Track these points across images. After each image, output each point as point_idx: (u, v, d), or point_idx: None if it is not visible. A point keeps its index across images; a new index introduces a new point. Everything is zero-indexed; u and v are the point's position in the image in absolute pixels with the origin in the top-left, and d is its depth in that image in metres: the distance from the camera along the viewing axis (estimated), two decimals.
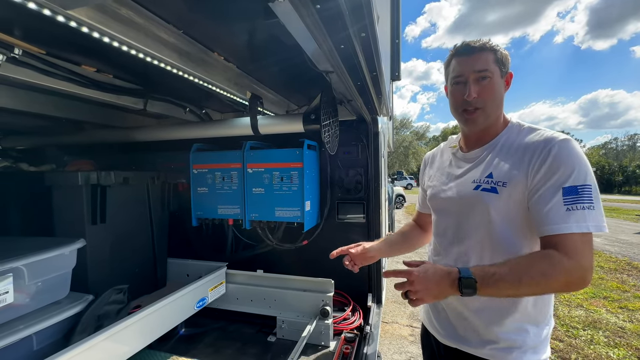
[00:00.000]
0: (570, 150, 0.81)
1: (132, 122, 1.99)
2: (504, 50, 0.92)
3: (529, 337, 0.89)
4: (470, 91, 0.89)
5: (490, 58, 0.89)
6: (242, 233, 1.92)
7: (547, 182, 0.80)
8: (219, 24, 0.93)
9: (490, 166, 0.93)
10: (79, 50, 1.09)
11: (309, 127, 1.39)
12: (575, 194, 0.77)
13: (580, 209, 0.76)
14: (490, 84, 0.89)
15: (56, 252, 1.03)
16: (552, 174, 0.79)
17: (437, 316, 1.07)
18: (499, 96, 0.91)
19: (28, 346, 0.93)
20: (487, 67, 0.89)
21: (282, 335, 1.57)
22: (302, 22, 0.63)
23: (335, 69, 0.91)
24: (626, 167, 34.14)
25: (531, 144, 0.86)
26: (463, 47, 0.93)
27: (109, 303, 1.15)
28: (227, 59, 1.22)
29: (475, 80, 0.90)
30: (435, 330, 1.08)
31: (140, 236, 1.59)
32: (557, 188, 0.78)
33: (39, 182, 1.25)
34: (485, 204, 0.90)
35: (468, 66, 0.91)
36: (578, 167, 0.79)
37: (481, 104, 0.90)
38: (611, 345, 2.93)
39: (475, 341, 0.95)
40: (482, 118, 0.92)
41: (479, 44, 0.90)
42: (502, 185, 0.88)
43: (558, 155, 0.80)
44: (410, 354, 2.84)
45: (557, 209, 0.77)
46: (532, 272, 0.74)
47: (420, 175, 1.29)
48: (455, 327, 1.00)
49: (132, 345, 1.07)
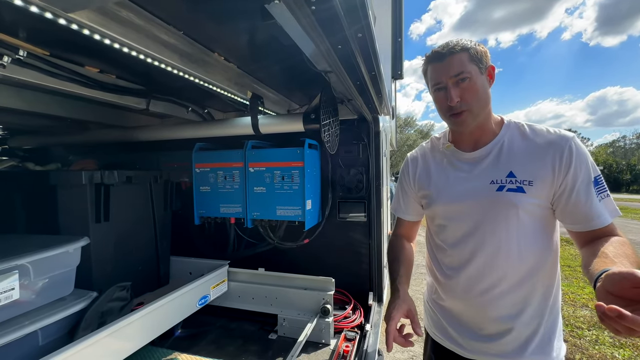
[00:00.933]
0: (581, 146, 0.88)
1: (135, 122, 2.02)
2: (478, 46, 0.90)
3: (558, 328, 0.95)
4: (451, 96, 0.89)
5: (464, 58, 0.88)
6: (244, 232, 1.93)
7: (577, 178, 0.85)
8: (218, 25, 0.94)
9: (507, 165, 0.91)
10: (82, 52, 1.10)
11: (308, 126, 1.40)
12: (598, 184, 0.85)
13: (606, 197, 0.84)
14: (471, 84, 0.89)
15: (61, 250, 1.05)
16: (580, 170, 0.85)
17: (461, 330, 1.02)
18: (482, 94, 0.91)
19: (34, 342, 0.95)
20: (463, 68, 0.88)
21: (283, 333, 1.58)
22: (298, 24, 0.63)
23: (333, 69, 0.91)
24: (634, 165, 33.63)
25: (551, 143, 0.89)
26: (434, 54, 0.93)
27: (112, 300, 1.17)
28: (228, 59, 1.23)
29: (454, 84, 0.90)
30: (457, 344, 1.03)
31: (143, 234, 1.62)
32: (588, 182, 0.84)
33: (44, 181, 1.28)
34: (514, 204, 0.88)
35: (444, 72, 0.90)
36: (588, 159, 0.87)
37: (466, 106, 0.90)
38: (616, 345, 2.90)
39: (516, 350, 0.93)
40: (470, 119, 0.92)
41: (447, 48, 0.90)
42: (528, 184, 0.88)
43: (578, 152, 0.86)
44: (412, 353, 2.85)
45: (595, 202, 0.83)
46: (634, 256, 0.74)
47: (403, 179, 1.18)
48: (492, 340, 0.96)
49: (134, 341, 1.09)
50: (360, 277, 1.85)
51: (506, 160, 0.92)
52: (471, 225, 0.96)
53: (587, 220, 0.84)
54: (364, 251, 1.84)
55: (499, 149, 0.94)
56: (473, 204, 0.95)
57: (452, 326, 1.04)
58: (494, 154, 0.94)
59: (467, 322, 1.01)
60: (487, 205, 0.92)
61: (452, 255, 1.02)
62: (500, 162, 0.93)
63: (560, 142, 0.87)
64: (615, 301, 0.56)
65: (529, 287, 0.92)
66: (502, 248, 0.91)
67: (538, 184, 0.87)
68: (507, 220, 0.90)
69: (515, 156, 0.91)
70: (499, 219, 0.90)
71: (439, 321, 1.10)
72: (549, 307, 0.93)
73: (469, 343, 1.00)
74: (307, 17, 0.64)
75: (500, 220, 0.90)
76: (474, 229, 0.95)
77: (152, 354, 1.34)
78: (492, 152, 0.95)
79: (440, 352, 1.10)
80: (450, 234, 1.02)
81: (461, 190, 0.98)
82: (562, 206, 0.87)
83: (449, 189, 1.01)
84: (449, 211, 1.01)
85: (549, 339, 0.93)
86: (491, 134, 0.96)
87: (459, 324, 1.03)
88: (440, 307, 1.09)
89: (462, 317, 1.02)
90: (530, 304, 0.92)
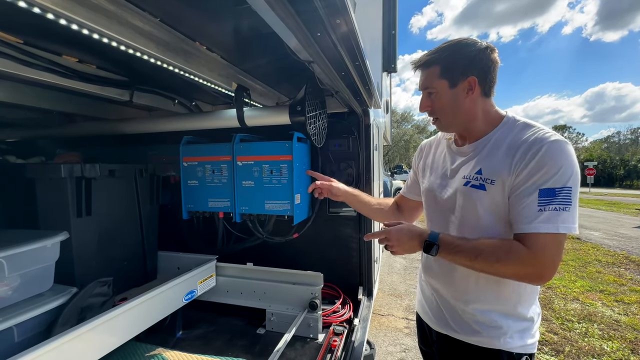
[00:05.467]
0: (558, 152, 0.79)
1: (121, 115, 1.98)
2: (457, 57, 0.90)
3: (516, 323, 0.93)
4: (421, 105, 0.98)
5: (434, 73, 0.92)
6: (232, 226, 1.91)
7: (527, 181, 0.81)
8: (195, 11, 0.91)
9: (480, 162, 0.94)
10: (57, 40, 1.06)
11: (295, 118, 1.37)
12: (552, 195, 0.78)
13: (552, 210, 0.77)
14: (437, 99, 0.95)
15: (37, 245, 1.02)
16: (533, 174, 0.80)
17: (430, 305, 1.12)
18: (450, 107, 0.94)
19: (9, 338, 0.93)
20: (429, 84, 0.94)
21: (271, 327, 1.57)
22: (271, 9, 0.60)
23: (315, 59, 0.89)
24: (628, 161, 33.95)
25: (521, 142, 0.85)
26: (412, 62, 0.98)
27: (92, 295, 1.14)
28: (210, 48, 1.19)
29: (426, 94, 0.97)
30: (428, 318, 1.13)
31: (129, 229, 1.59)
32: (535, 189, 0.80)
33: (21, 175, 1.24)
34: (473, 201, 0.92)
35: (419, 81, 0.98)
36: (563, 169, 0.78)
37: (435, 115, 0.98)
38: (605, 338, 2.94)
39: (465, 329, 0.99)
40: (442, 127, 1.00)
41: (421, 61, 0.94)
42: (490, 183, 0.89)
43: (544, 156, 0.80)
44: (404, 346, 2.86)
45: (530, 208, 0.80)
46: (488, 255, 0.82)
47: (414, 161, 1.30)
48: (446, 316, 1.04)
49: (117, 337, 1.07)
50: (350, 271, 1.85)
51: (482, 158, 0.94)
52: (444, 214, 1.03)
53: (512, 222, 0.85)
54: (354, 246, 1.83)
55: (483, 146, 0.96)
56: (446, 194, 1.02)
57: (424, 296, 1.17)
58: (477, 150, 0.97)
59: (434, 293, 1.10)
60: (456, 198, 0.98)
61: None
62: (477, 159, 0.95)
63: (530, 143, 0.83)
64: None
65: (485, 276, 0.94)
66: (463, 232, 0.97)
67: (498, 183, 0.87)
68: (469, 214, 0.95)
69: (492, 154, 0.92)
70: (464, 212, 0.96)
71: (420, 294, 1.22)
72: (510, 292, 0.94)
73: (437, 318, 1.09)
74: (281, 3, 0.61)
75: (464, 214, 0.96)
76: (447, 217, 1.02)
77: (136, 350, 1.32)
78: (476, 149, 0.97)
79: (420, 324, 1.22)
80: (428, 214, 1.13)
81: (443, 179, 1.05)
82: (509, 206, 0.87)
83: (436, 181, 1.08)
84: (430, 199, 1.10)
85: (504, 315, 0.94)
86: (480, 132, 0.97)
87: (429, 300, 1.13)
88: (420, 280, 1.22)
89: (431, 289, 1.12)
90: (485, 292, 0.95)
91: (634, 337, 2.93)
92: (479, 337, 0.95)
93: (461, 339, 0.99)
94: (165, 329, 1.52)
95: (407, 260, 5.46)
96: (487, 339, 0.94)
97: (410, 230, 0.95)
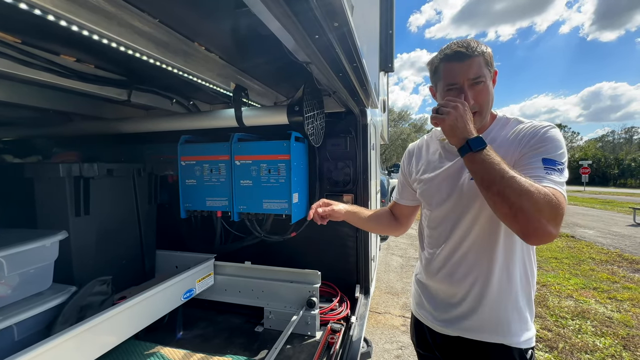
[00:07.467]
0: (558, 136, 0.86)
1: (119, 114, 1.97)
2: (488, 49, 0.93)
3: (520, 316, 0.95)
4: (468, 98, 0.90)
5: (482, 63, 0.90)
6: (230, 225, 1.92)
7: (531, 150, 0.85)
8: (195, 13, 0.91)
9: None
10: (55, 40, 1.06)
11: (293, 118, 1.39)
12: (553, 165, 0.81)
13: (555, 175, 0.79)
14: (485, 88, 0.91)
15: (36, 244, 1.03)
16: (538, 147, 0.84)
17: (435, 308, 1.08)
18: (492, 97, 0.95)
19: (9, 337, 0.94)
20: (481, 72, 0.90)
21: (269, 325, 1.59)
22: (271, 13, 0.62)
23: (313, 60, 0.90)
24: (622, 160, 34.27)
25: (523, 131, 0.90)
26: (454, 53, 0.91)
27: (92, 294, 1.15)
28: (209, 49, 1.20)
29: (470, 86, 0.91)
30: (431, 321, 1.10)
31: (127, 228, 1.59)
32: (539, 156, 0.83)
33: (20, 174, 1.25)
34: (475, 193, 0.91)
35: (462, 73, 0.90)
36: (562, 150, 0.84)
37: (477, 107, 0.92)
38: (598, 334, 2.99)
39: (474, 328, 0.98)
40: (479, 120, 0.95)
41: (470, 49, 0.90)
42: None
43: (546, 136, 0.85)
44: (401, 343, 2.89)
45: (536, 170, 0.81)
46: (518, 184, 0.73)
47: (402, 166, 1.28)
48: (453, 317, 1.02)
49: (116, 335, 1.08)
50: (348, 270, 1.86)
51: None
52: (446, 211, 1.02)
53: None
54: (351, 244, 1.85)
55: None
56: (449, 192, 1.01)
57: (428, 300, 1.13)
58: None
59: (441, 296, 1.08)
60: (463, 195, 0.97)
61: (431, 237, 1.10)
62: None
63: (533, 128, 0.88)
64: None
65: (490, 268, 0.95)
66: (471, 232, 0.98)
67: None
68: (480, 208, 0.94)
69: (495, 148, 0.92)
70: (473, 207, 0.95)
71: (419, 297, 1.18)
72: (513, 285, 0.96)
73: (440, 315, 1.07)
74: (280, 7, 0.62)
75: (474, 208, 0.95)
76: (449, 214, 1.02)
77: (135, 348, 1.33)
78: None
79: (419, 327, 1.18)
80: (431, 217, 1.10)
81: (443, 177, 1.03)
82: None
83: (433, 177, 1.07)
84: (433, 199, 1.07)
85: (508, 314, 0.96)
86: (482, 128, 0.99)
87: (432, 298, 1.11)
88: (421, 284, 1.18)
89: (437, 292, 1.09)
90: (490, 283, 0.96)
91: (626, 334, 2.98)
92: (488, 334, 0.96)
93: (471, 338, 0.99)
94: (164, 327, 1.52)
95: (403, 259, 5.49)
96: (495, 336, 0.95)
97: (469, 117, 0.85)
